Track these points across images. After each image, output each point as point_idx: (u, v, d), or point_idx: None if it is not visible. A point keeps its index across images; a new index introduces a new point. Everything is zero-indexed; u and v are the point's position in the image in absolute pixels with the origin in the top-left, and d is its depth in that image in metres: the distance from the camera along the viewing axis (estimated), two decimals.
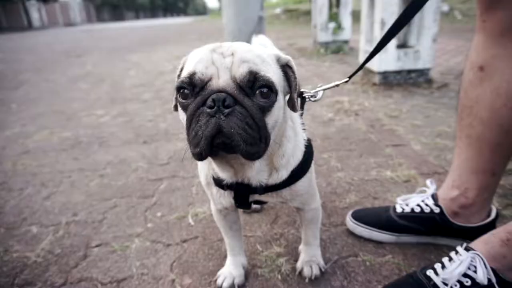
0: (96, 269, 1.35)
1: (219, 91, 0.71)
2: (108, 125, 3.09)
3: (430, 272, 1.07)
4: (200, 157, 0.74)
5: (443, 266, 1.06)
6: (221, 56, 0.75)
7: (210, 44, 0.81)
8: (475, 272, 1.01)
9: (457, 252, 1.08)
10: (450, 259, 1.07)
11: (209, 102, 0.70)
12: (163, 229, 1.57)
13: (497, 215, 1.29)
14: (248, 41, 6.41)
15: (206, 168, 0.98)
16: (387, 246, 1.37)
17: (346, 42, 6.47)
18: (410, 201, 1.37)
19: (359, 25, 4.08)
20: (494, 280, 0.99)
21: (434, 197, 1.33)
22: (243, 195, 0.97)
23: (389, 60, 3.54)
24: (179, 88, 0.76)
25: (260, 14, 6.28)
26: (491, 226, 1.27)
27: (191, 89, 0.74)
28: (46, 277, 1.33)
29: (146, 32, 13.61)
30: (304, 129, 1.00)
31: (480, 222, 1.28)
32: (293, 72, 0.84)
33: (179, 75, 0.87)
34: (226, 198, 1.02)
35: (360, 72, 4.12)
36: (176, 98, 0.87)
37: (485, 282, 0.98)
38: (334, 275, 1.25)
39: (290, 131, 0.93)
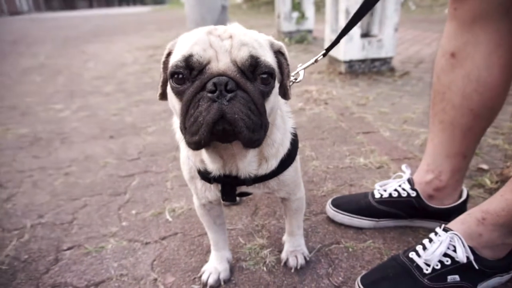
0: (70, 273, 1.27)
1: (220, 74, 0.67)
2: (69, 120, 2.91)
3: (412, 254, 1.10)
4: (198, 145, 0.69)
5: (424, 248, 1.10)
6: (218, 38, 0.71)
7: (203, 27, 0.76)
8: (454, 251, 1.05)
9: (436, 233, 1.12)
10: (430, 240, 1.11)
11: (209, 86, 0.66)
12: (140, 227, 1.50)
13: (468, 195, 1.36)
14: None
15: (192, 161, 0.94)
16: (367, 232, 1.40)
17: (309, 31, 6.51)
18: (388, 187, 1.41)
19: (321, 15, 4.12)
20: (472, 257, 1.04)
21: (410, 181, 1.37)
22: (231, 188, 0.94)
23: (354, 49, 3.61)
24: (174, 73, 0.71)
25: (223, 3, 6.17)
26: (463, 206, 1.34)
27: (188, 73, 0.70)
28: (14, 286, 1.23)
29: (102, 22, 12.95)
30: (290, 117, 0.99)
31: (453, 203, 1.33)
32: (285, 58, 0.82)
33: (164, 62, 0.82)
34: (211, 192, 0.99)
35: (326, 61, 4.18)
36: (162, 85, 0.82)
37: (464, 260, 1.03)
38: (319, 263, 1.26)
39: (279, 119, 0.91)
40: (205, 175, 0.92)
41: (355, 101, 2.98)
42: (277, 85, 0.79)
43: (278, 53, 0.82)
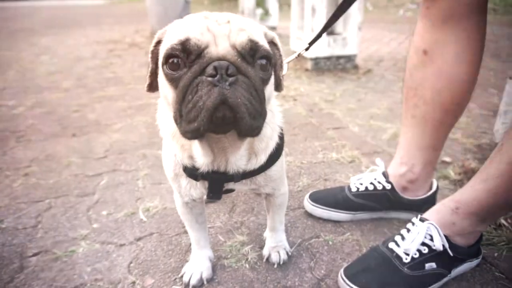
0: (38, 281, 1.18)
1: (219, 59, 0.64)
2: (24, 117, 2.71)
3: (392, 245, 1.14)
4: (196, 133, 0.65)
5: (403, 238, 1.14)
6: (216, 23, 0.68)
7: (196, 13, 0.73)
8: (431, 240, 1.10)
9: (413, 224, 1.16)
10: (408, 230, 1.15)
11: (209, 70, 0.63)
12: (113, 229, 1.43)
13: (438, 187, 1.42)
14: None
15: (179, 158, 0.89)
16: (344, 225, 1.43)
17: (273, 28, 6.55)
18: (363, 180, 1.44)
19: (284, 12, 4.16)
20: (447, 245, 1.09)
21: (384, 174, 1.41)
22: (218, 184, 0.92)
23: (320, 46, 3.67)
24: (170, 56, 0.67)
25: None
26: (433, 197, 1.40)
27: (185, 57, 0.66)
28: None
29: (55, 13, 12.19)
30: (279, 111, 0.98)
31: (425, 195, 1.40)
32: (278, 49, 0.81)
33: (153, 51, 0.78)
34: (197, 189, 0.96)
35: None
36: (151, 75, 0.78)
37: (441, 248, 1.08)
38: (300, 257, 1.27)
39: (269, 113, 0.90)
40: (191, 172, 0.89)
41: (323, 98, 3.04)
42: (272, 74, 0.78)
43: (271, 44, 0.81)
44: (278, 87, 0.85)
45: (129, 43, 5.78)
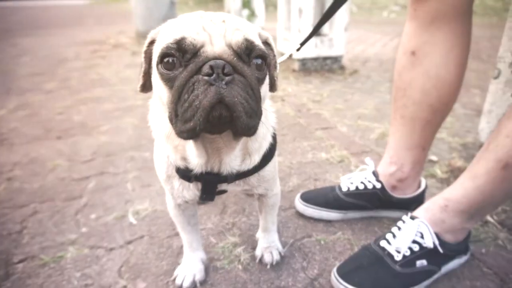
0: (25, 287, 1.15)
1: (215, 58, 0.63)
2: (6, 120, 2.64)
3: (383, 243, 1.15)
4: (192, 133, 0.64)
5: (394, 236, 1.16)
6: (211, 22, 0.68)
7: (191, 13, 0.73)
8: (421, 237, 1.12)
9: (404, 222, 1.18)
10: (399, 228, 1.17)
11: (206, 69, 0.62)
12: (102, 232, 1.40)
13: (426, 185, 1.45)
14: None
15: (172, 159, 0.88)
16: (335, 224, 1.44)
17: None
18: (354, 179, 1.46)
19: (270, 13, 4.17)
20: (437, 242, 1.11)
21: (375, 173, 1.43)
22: (212, 186, 0.91)
23: (307, 47, 3.70)
24: (165, 55, 0.66)
25: None
26: (422, 195, 1.43)
27: (181, 57, 0.66)
28: None
29: (35, 13, 11.93)
30: (272, 111, 0.98)
31: (414, 193, 1.42)
32: (272, 49, 0.81)
33: (146, 52, 0.76)
34: (190, 191, 0.95)
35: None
36: (144, 76, 0.77)
37: (431, 245, 1.10)
38: (293, 257, 1.27)
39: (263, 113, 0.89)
40: (185, 173, 0.88)
41: (311, 98, 3.05)
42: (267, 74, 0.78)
43: (265, 44, 0.80)
44: (272, 87, 0.85)
45: (114, 44, 5.70)
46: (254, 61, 0.69)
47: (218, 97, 0.61)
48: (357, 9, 11.57)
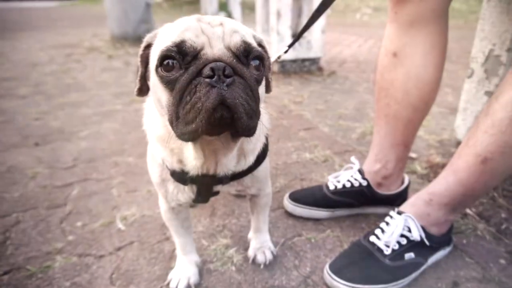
0: None
1: (215, 60, 0.64)
2: None
3: (373, 238, 1.19)
4: (193, 135, 0.65)
5: (383, 231, 1.20)
6: (209, 25, 0.69)
7: (188, 16, 0.73)
8: (409, 231, 1.16)
9: (391, 217, 1.22)
10: (387, 223, 1.21)
11: (206, 71, 0.63)
12: (90, 240, 1.38)
13: (409, 181, 1.51)
14: (136, 29, 5.99)
15: (168, 162, 0.88)
16: (324, 222, 1.47)
17: None
18: (341, 178, 1.50)
19: (246, 16, 4.20)
20: (423, 235, 1.16)
21: (360, 171, 1.47)
22: (208, 187, 0.92)
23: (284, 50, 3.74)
24: (164, 58, 0.67)
25: (147, 0, 5.93)
26: (406, 191, 1.48)
27: (181, 59, 0.66)
28: None
29: (5, 16, 11.46)
30: (266, 112, 0.99)
31: (398, 189, 1.47)
32: (266, 51, 0.82)
33: (142, 56, 0.76)
34: (185, 194, 0.95)
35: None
36: (141, 79, 0.77)
37: (418, 238, 1.14)
38: (285, 257, 1.29)
39: None
40: (180, 176, 0.88)
41: (292, 99, 3.10)
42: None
43: (259, 46, 0.82)
44: (267, 88, 0.86)
45: (88, 48, 5.57)
46: (251, 62, 0.71)
47: (220, 98, 0.62)
48: (331, 12, 11.81)
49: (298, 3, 3.77)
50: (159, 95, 0.71)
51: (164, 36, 0.72)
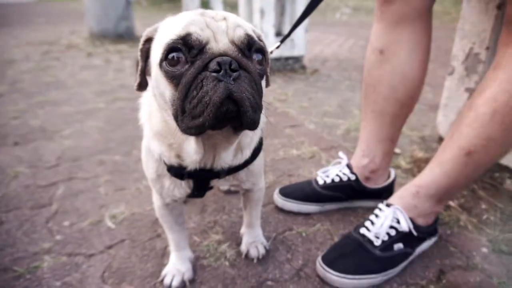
0: None
1: (221, 54, 0.65)
2: None
3: (363, 230, 1.22)
4: (201, 129, 0.65)
5: (372, 223, 1.23)
6: (213, 20, 0.69)
7: (190, 11, 0.73)
8: (397, 223, 1.20)
9: (380, 209, 1.26)
10: (377, 216, 1.25)
11: (213, 65, 0.64)
12: (79, 239, 1.35)
13: (395, 175, 1.55)
14: (116, 26, 5.87)
15: (166, 158, 0.88)
16: (314, 216, 1.50)
17: None
18: (330, 173, 1.52)
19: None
20: (411, 226, 1.20)
21: (349, 166, 1.51)
22: (205, 182, 0.92)
23: (269, 47, 3.74)
24: (170, 51, 0.67)
25: None
26: (392, 185, 1.52)
27: (187, 53, 0.66)
28: None
29: None
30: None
31: (384, 183, 1.51)
32: (264, 46, 0.83)
33: (141, 50, 0.76)
34: (181, 189, 0.95)
35: None
36: (141, 74, 0.76)
37: (407, 229, 1.18)
38: (277, 251, 1.30)
39: None
40: (178, 171, 0.88)
41: (276, 97, 3.12)
42: None
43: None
44: (266, 82, 0.87)
45: (66, 45, 5.42)
46: (254, 56, 0.72)
47: (227, 92, 0.63)
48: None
49: (281, 2, 3.79)
50: (162, 90, 0.71)
51: (167, 29, 0.71)
